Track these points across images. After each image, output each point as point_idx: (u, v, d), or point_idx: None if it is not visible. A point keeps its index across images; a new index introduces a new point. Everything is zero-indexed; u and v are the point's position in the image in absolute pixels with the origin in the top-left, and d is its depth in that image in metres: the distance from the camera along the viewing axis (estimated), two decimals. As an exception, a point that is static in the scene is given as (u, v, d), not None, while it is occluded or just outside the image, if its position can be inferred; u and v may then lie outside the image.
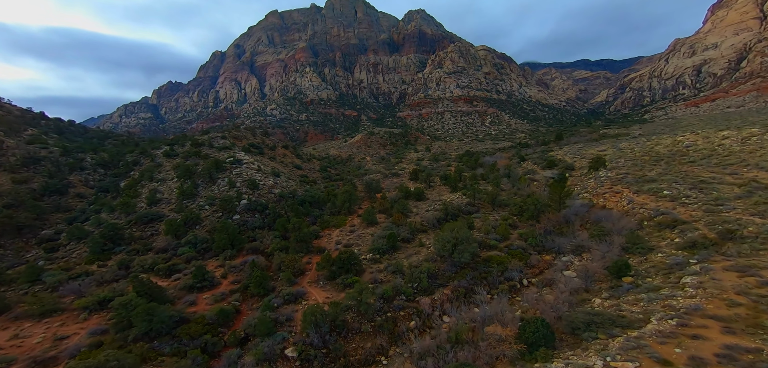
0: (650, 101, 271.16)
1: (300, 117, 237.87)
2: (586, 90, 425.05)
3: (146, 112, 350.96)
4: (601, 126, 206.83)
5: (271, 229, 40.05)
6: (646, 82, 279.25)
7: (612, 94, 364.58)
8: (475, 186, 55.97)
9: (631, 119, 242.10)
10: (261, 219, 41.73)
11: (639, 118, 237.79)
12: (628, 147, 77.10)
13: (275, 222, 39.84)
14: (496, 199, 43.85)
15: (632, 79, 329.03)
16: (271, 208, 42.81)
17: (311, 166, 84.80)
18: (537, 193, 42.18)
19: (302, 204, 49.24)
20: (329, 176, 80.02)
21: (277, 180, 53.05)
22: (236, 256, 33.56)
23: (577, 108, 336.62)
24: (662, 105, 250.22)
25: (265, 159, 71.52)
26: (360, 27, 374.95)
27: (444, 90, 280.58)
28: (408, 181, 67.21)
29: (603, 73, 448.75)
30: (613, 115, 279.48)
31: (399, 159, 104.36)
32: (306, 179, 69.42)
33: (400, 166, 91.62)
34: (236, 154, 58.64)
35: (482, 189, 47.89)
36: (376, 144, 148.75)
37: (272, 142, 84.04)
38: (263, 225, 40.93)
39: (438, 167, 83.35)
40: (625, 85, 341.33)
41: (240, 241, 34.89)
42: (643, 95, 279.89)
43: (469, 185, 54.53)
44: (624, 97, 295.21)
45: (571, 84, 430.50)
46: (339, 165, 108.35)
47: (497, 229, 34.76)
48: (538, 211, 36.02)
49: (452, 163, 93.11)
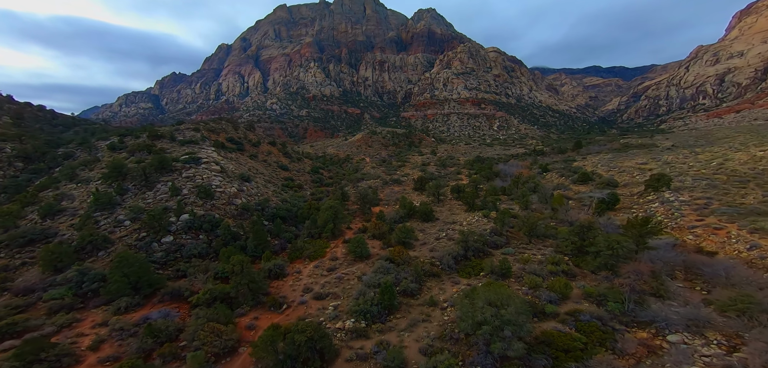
0: (667, 110, 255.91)
1: (300, 113, 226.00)
2: (596, 97, 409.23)
3: (147, 102, 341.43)
4: (616, 135, 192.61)
5: (216, 258, 27.81)
6: (663, 90, 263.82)
7: (624, 101, 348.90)
8: (497, 202, 43.25)
9: (646, 129, 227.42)
10: (206, 243, 29.48)
11: (655, 128, 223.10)
12: (678, 160, 63.83)
13: (222, 251, 27.45)
14: (535, 228, 31.13)
15: (648, 87, 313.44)
16: (224, 227, 30.46)
17: (301, 166, 72.48)
18: (590, 221, 29.56)
19: (273, 219, 36.91)
20: (320, 179, 67.66)
21: (246, 186, 40.78)
22: (141, 306, 21.31)
23: (587, 115, 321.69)
24: (680, 115, 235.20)
25: (244, 157, 59.32)
26: (368, 24, 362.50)
27: (451, 91, 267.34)
28: (412, 192, 54.59)
29: (615, 81, 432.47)
30: (626, 124, 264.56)
31: (402, 162, 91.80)
32: (290, 184, 57.08)
33: (402, 170, 79.07)
34: (200, 150, 46.43)
35: (509, 212, 35.17)
36: (378, 144, 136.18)
37: (257, 138, 71.88)
38: (207, 252, 28.65)
39: (446, 175, 70.65)
40: (639, 93, 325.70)
41: (154, 281, 22.63)
42: (659, 104, 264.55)
43: (490, 203, 41.79)
44: (638, 105, 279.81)
45: (582, 90, 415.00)
46: (335, 166, 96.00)
47: (551, 284, 22.10)
48: (616, 256, 23.21)
49: (462, 169, 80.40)
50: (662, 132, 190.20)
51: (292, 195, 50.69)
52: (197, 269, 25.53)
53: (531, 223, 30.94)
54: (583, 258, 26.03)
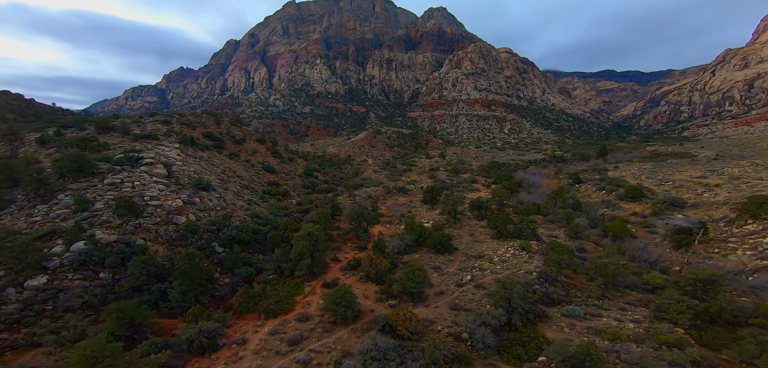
0: (689, 117, 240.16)
1: (304, 109, 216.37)
2: (610, 102, 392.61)
3: (153, 95, 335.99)
4: (637, 141, 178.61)
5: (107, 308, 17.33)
6: (685, 95, 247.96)
7: (640, 107, 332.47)
8: (534, 227, 32.05)
9: (667, 136, 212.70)
10: (107, 285, 19.12)
11: (678, 135, 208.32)
12: (748, 174, 51.70)
13: (120, 305, 16.91)
14: (614, 277, 20.04)
15: (667, 92, 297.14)
16: (138, 262, 19.97)
17: (291, 168, 62.07)
18: (712, 274, 18.58)
19: (230, 245, 26.40)
20: (312, 184, 57.07)
21: (201, 196, 30.36)
22: None
23: (601, 120, 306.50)
24: (704, 121, 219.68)
25: (221, 157, 49.11)
26: (377, 22, 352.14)
27: (460, 91, 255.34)
28: (420, 206, 43.62)
29: (630, 85, 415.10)
30: (644, 131, 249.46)
31: (407, 166, 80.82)
32: (273, 190, 46.65)
33: (408, 176, 68.17)
34: (152, 148, 36.20)
35: (564, 247, 23.99)
36: (382, 145, 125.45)
37: (242, 134, 61.63)
38: (103, 300, 18.25)
39: (460, 184, 59.52)
40: (657, 99, 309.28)
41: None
42: (680, 110, 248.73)
43: (527, 229, 30.63)
44: (657, 111, 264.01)
45: (595, 94, 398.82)
46: (333, 167, 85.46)
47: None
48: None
49: (476, 176, 69.10)
50: (687, 139, 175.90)
51: (272, 205, 40.21)
52: (62, 334, 15.10)
53: (611, 270, 19.78)
54: (710, 331, 14.93)
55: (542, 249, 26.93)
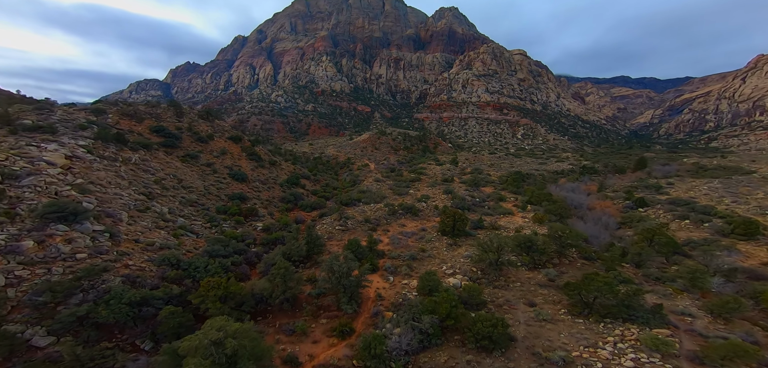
0: (715, 126, 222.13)
1: (306, 107, 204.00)
2: (625, 109, 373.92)
3: (157, 89, 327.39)
4: (664, 151, 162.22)
5: None
6: (712, 103, 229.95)
7: (658, 115, 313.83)
8: (639, 291, 18.32)
9: (692, 146, 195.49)
10: None
11: (705, 146, 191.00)
12: None
13: None
14: None
15: (688, 100, 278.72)
16: None
17: (271, 174, 48.93)
18: None
19: (72, 330, 13.32)
20: (295, 198, 43.79)
21: (55, 232, 17.38)
22: None
23: (617, 127, 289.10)
24: (733, 132, 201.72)
25: (168, 159, 36.28)
26: (386, 20, 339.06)
27: (470, 93, 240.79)
28: (437, 239, 30.02)
29: (646, 92, 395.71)
30: (665, 140, 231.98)
31: (416, 174, 67.21)
32: (231, 210, 33.49)
33: (417, 187, 54.57)
34: (42, 145, 23.38)
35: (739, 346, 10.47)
36: (386, 147, 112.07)
37: (210, 130, 48.71)
38: None
39: (484, 203, 45.71)
40: (677, 106, 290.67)
41: None
42: (705, 119, 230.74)
43: (646, 311, 16.92)
44: (680, 119, 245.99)
45: (609, 101, 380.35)
46: (328, 172, 72.21)
47: None
48: None
49: (501, 190, 55.18)
50: (718, 151, 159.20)
51: (220, 236, 27.11)
52: None
53: None
54: None
55: (692, 349, 13.29)
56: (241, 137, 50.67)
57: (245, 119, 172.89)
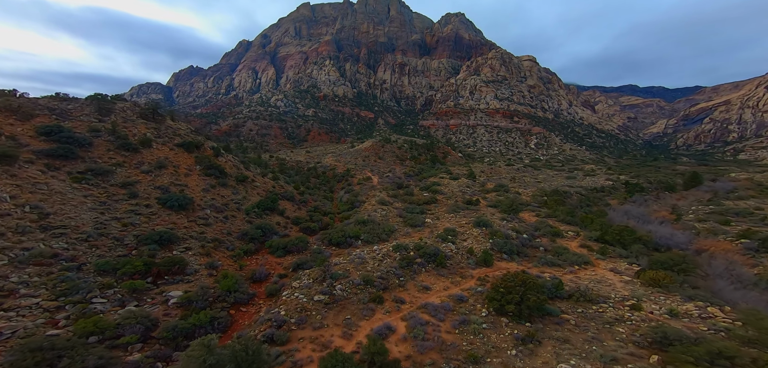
0: (739, 137, 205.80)
1: (307, 112, 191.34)
2: (636, 118, 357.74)
3: (158, 93, 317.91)
4: (694, 163, 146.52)
5: None
6: (735, 112, 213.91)
7: (672, 124, 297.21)
8: None
9: (717, 158, 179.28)
10: None
11: (733, 158, 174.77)
12: None
13: None
14: None
15: (705, 109, 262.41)
16: None
17: (236, 198, 35.02)
18: None
19: None
20: (264, 232, 29.86)
21: None
22: None
23: (631, 137, 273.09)
24: (760, 143, 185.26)
25: (40, 178, 22.76)
26: (391, 25, 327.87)
27: (479, 100, 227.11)
28: (492, 328, 15.52)
29: (656, 101, 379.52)
30: (684, 150, 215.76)
31: (431, 192, 52.92)
32: (130, 267, 19.63)
33: (435, 213, 40.30)
34: None
35: None
36: (391, 156, 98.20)
37: (150, 134, 35.02)
38: None
39: (535, 240, 31.29)
40: (692, 116, 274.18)
41: None
42: (728, 129, 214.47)
43: None
44: (699, 129, 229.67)
45: (619, 109, 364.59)
46: (322, 188, 58.19)
47: None
48: None
49: (552, 217, 40.97)
50: (747, 163, 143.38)
51: (89, 320, 13.16)
52: None
53: None
54: None
55: None
56: (199, 143, 37.03)
57: (241, 124, 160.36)
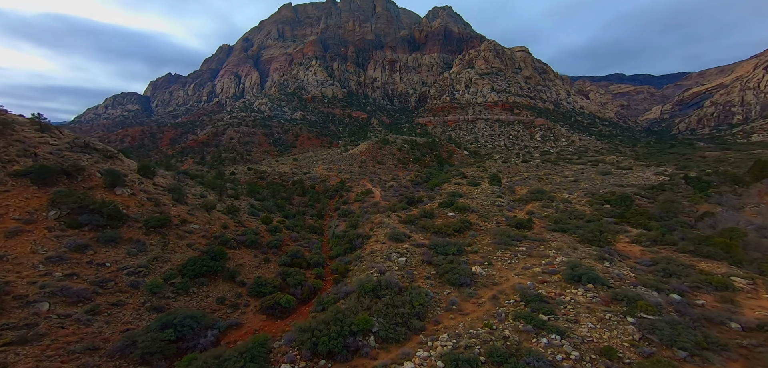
0: (744, 119, 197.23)
1: (294, 115, 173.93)
2: (628, 105, 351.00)
3: (135, 103, 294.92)
4: (716, 149, 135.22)
5: None
6: (736, 95, 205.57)
7: (668, 110, 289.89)
8: None
9: (722, 141, 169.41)
10: None
11: (746, 141, 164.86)
12: None
13: None
14: None
15: (701, 93, 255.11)
16: None
17: (144, 264, 18.32)
18: None
19: None
20: (174, 339, 13.95)
21: None
22: None
23: (630, 124, 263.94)
24: (766, 124, 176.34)
25: None
26: (378, 22, 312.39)
27: (475, 94, 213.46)
28: None
29: (646, 88, 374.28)
30: (689, 135, 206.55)
31: (456, 209, 37.20)
32: None
33: (476, 252, 24.61)
34: None
35: None
36: (391, 159, 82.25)
37: None
38: None
39: (690, 311, 15.82)
40: (689, 101, 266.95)
41: None
42: (731, 112, 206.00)
43: None
44: (701, 113, 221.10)
45: (611, 98, 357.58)
46: (307, 210, 41.67)
47: None
48: None
49: (667, 244, 25.96)
50: (764, 146, 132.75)
51: None
52: None
53: None
54: None
55: None
56: (69, 171, 20.29)
57: (220, 132, 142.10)
